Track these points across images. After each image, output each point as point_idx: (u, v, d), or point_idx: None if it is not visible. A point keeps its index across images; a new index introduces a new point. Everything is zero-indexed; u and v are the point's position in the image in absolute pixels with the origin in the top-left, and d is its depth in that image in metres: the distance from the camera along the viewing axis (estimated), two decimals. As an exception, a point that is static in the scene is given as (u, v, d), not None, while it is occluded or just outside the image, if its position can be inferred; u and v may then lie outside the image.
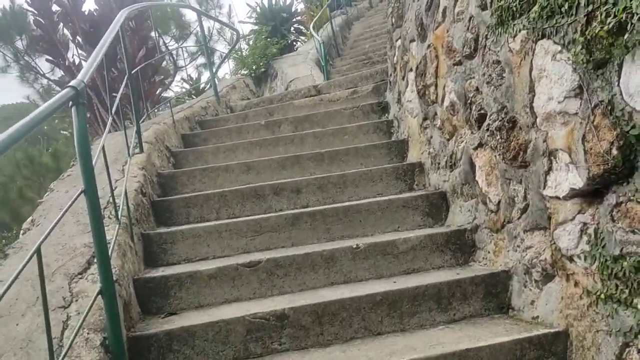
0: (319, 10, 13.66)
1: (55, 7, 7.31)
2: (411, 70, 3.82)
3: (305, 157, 3.98)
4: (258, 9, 11.94)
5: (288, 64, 9.67)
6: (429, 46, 3.38)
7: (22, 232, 3.01)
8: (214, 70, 6.06)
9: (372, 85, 5.08)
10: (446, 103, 3.19)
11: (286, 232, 3.18)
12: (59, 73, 9.52)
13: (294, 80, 8.84)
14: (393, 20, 4.27)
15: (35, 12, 7.29)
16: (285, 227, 3.18)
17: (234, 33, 15.23)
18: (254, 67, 9.97)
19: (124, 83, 3.85)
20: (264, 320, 2.40)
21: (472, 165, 2.94)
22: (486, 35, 2.63)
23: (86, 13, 7.00)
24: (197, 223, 3.46)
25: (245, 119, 5.26)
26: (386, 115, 4.66)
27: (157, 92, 7.53)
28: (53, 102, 1.94)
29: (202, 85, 13.57)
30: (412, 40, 3.73)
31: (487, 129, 2.68)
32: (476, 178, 2.90)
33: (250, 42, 11.12)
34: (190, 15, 18.92)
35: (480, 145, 2.82)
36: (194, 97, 12.08)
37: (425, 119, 3.61)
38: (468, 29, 2.85)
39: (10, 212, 10.50)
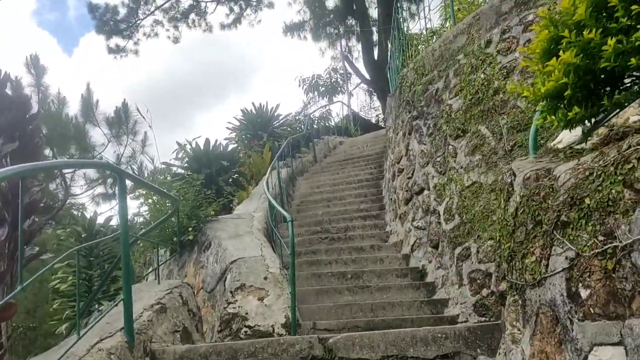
0: (258, 157, 11.56)
1: None
2: None
3: None
4: (188, 149, 9.52)
5: (227, 233, 7.07)
6: None
7: None
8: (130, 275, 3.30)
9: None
10: None
11: None
12: None
13: (237, 262, 6.20)
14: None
15: None
16: None
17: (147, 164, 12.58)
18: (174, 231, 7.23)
19: None
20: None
21: None
22: None
23: None
24: None
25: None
26: None
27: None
28: None
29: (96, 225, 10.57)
30: None
31: None
32: None
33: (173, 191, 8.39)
34: (97, 137, 16.05)
35: None
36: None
37: None
38: None
39: None
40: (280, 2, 39.50)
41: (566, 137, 5.66)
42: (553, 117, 2.50)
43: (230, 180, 8.92)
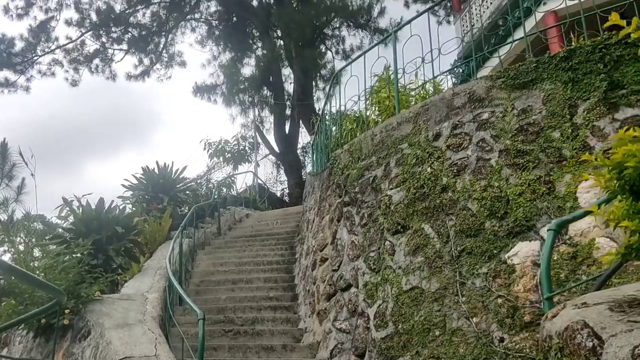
0: (156, 224, 10.22)
1: None
2: None
3: None
4: (76, 207, 8.05)
5: (114, 321, 5.71)
6: None
7: None
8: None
9: None
10: None
11: None
12: None
13: (124, 364, 4.90)
14: None
15: None
16: None
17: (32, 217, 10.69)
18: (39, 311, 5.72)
19: None
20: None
21: None
22: None
23: None
24: None
25: None
26: None
27: None
28: None
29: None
30: None
31: None
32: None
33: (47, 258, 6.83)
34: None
35: None
36: None
37: None
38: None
39: None
40: (193, 62, 38.71)
41: (524, 250, 5.17)
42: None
43: (122, 250, 7.55)
